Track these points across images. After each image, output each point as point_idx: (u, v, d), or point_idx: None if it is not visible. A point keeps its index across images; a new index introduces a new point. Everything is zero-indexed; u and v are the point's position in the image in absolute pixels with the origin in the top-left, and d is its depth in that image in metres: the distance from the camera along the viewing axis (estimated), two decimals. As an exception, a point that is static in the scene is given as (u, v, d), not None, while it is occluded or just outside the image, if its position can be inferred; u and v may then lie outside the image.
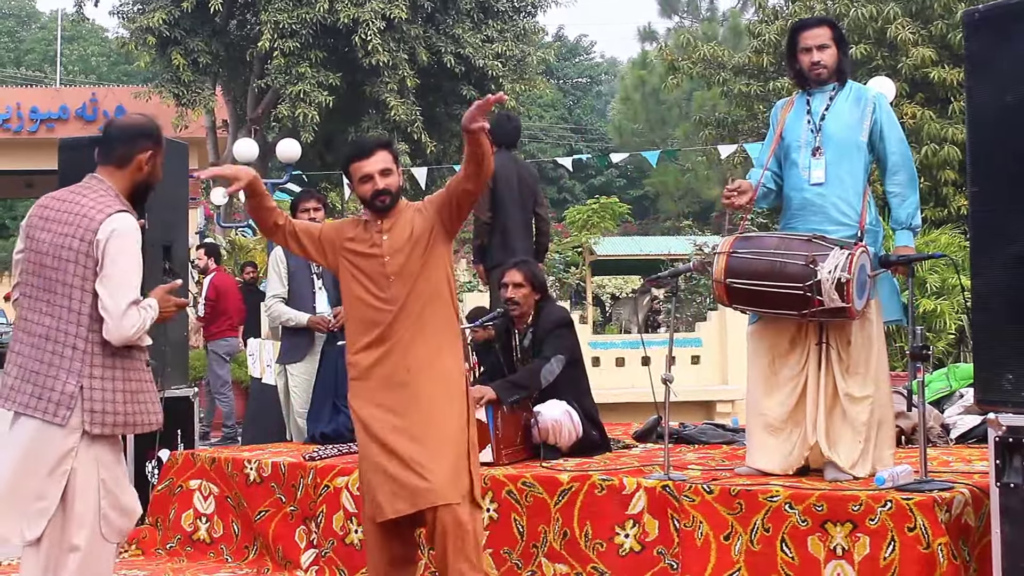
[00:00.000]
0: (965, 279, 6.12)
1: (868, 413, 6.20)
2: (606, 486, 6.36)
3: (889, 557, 5.50)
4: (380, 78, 27.78)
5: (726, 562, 5.91)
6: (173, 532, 8.04)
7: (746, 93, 22.65)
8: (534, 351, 7.53)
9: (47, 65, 62.02)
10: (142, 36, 28.53)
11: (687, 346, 14.03)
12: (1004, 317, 5.20)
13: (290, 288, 8.96)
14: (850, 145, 6.35)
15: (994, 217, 5.26)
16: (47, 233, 4.93)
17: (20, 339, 4.94)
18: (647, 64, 48.31)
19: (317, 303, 8.94)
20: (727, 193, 6.54)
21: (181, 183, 9.18)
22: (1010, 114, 5.18)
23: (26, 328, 4.92)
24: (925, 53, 19.33)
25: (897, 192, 6.38)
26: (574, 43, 69.43)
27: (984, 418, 5.32)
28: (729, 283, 6.30)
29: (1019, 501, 5.09)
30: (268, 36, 27.14)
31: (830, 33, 6.48)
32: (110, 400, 4.82)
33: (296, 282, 8.96)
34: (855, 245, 6.09)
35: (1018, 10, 5.30)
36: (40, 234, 4.94)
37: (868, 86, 6.69)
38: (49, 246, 4.90)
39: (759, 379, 6.49)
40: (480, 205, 8.94)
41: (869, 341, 6.25)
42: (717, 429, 8.88)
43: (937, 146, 18.70)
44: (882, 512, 5.55)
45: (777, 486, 5.96)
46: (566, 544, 6.40)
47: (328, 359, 8.69)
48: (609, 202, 29.93)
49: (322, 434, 8.48)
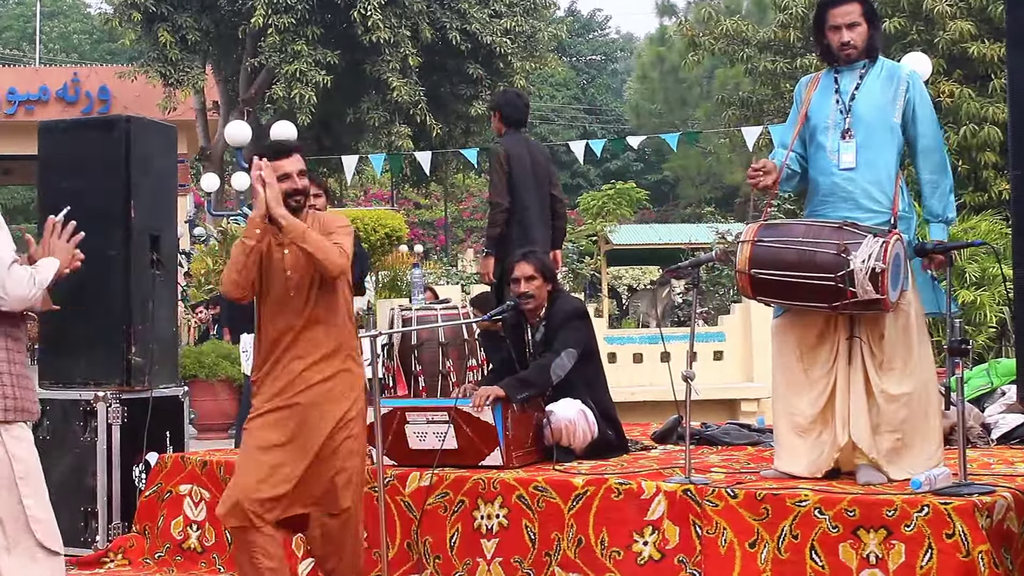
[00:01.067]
0: (1007, 268, 6.14)
1: (907, 411, 6.18)
2: (623, 490, 6.36)
3: (926, 566, 5.50)
4: (381, 56, 27.86)
5: (752, 571, 5.92)
6: (162, 540, 8.06)
7: (772, 71, 22.66)
8: (547, 344, 7.52)
9: (25, 43, 62.14)
10: (127, 12, 28.63)
11: (709, 341, 14.02)
12: (1048, 309, 5.20)
13: None
14: (882, 127, 6.32)
15: (1037, 202, 5.25)
16: None
17: None
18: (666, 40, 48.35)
19: None
20: (752, 173, 6.52)
21: (169, 169, 9.21)
22: (1054, 92, 5.17)
23: None
24: (964, 27, 19.30)
25: (929, 179, 6.36)
26: (588, 18, 69.51)
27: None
28: (754, 274, 6.29)
29: (1064, 505, 5.10)
30: (262, 11, 27.22)
31: (860, 9, 6.44)
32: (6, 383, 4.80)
33: None
34: (889, 232, 6.07)
35: (1063, -20, 5.29)
36: None
37: (902, 63, 6.65)
38: None
39: (786, 377, 6.48)
40: (498, 190, 8.88)
41: (906, 334, 6.22)
42: (741, 429, 8.88)
43: (976, 126, 18.68)
44: (918, 518, 5.55)
45: (806, 490, 5.96)
46: (581, 552, 6.40)
47: None
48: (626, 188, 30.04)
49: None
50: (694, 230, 31.49)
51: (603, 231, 28.78)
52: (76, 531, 8.53)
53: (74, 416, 8.61)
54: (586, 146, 24.28)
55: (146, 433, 8.61)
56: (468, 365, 9.24)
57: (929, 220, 6.37)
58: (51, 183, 8.92)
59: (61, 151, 8.99)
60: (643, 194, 31.40)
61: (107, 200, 8.67)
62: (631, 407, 11.45)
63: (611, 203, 29.43)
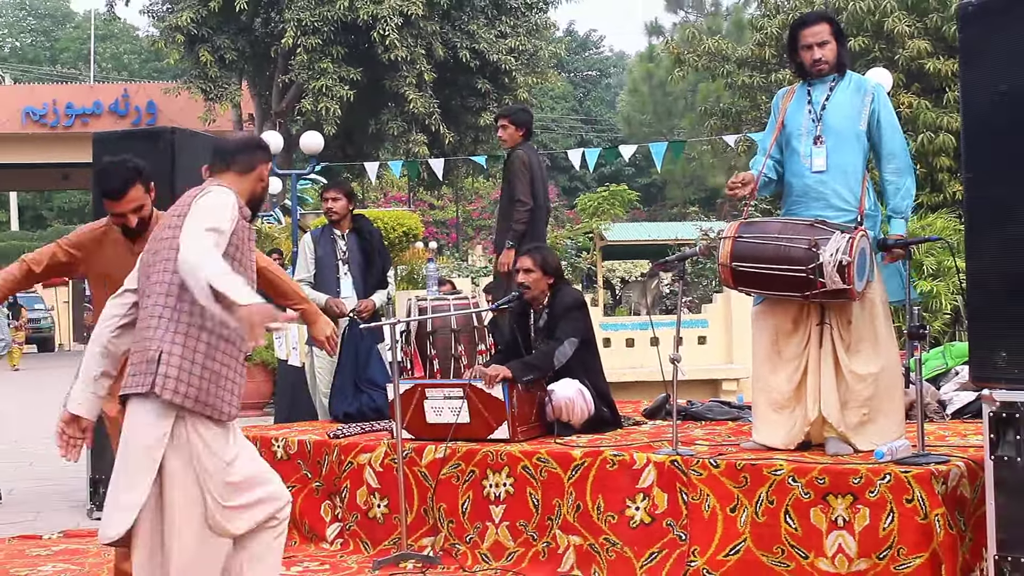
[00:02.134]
0: (960, 261, 6.12)
1: (873, 389, 6.19)
2: (617, 461, 6.36)
3: (888, 527, 5.50)
4: (399, 72, 27.84)
5: (732, 533, 5.92)
6: (205, 507, 8.05)
7: (749, 84, 22.61)
8: (549, 331, 7.53)
9: (81, 63, 62.19)
10: (171, 34, 28.65)
11: (694, 327, 14.01)
12: (997, 297, 5.19)
13: (316, 272, 9.05)
14: (850, 134, 6.33)
15: (987, 202, 5.25)
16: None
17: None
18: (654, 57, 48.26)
19: (342, 287, 9.07)
20: (731, 185, 6.52)
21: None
22: (1003, 103, 5.17)
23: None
24: (921, 45, 19.28)
25: (892, 180, 6.37)
26: (584, 38, 69.44)
27: (979, 394, 5.33)
28: (735, 267, 6.29)
29: (1012, 473, 5.09)
30: (291, 33, 27.21)
31: (830, 29, 6.45)
32: (186, 370, 4.41)
33: (323, 267, 9.06)
34: (855, 229, 6.08)
35: (1010, 2, 5.28)
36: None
37: (867, 77, 6.64)
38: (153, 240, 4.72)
39: (764, 358, 6.49)
40: (523, 191, 8.97)
41: (872, 320, 6.24)
42: (723, 406, 8.87)
43: (932, 134, 18.65)
44: (881, 485, 5.55)
45: (781, 460, 5.96)
46: (579, 516, 6.40)
47: (349, 343, 8.75)
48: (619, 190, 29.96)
49: (345, 413, 8.54)
50: (680, 227, 31.46)
51: (598, 229, 28.75)
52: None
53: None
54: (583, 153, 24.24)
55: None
56: (478, 350, 9.23)
57: (891, 216, 6.37)
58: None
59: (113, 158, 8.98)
60: (634, 195, 31.29)
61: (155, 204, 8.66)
62: (624, 386, 11.45)
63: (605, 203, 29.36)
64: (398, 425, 6.89)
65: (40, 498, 9.67)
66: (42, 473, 11.06)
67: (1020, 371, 5.09)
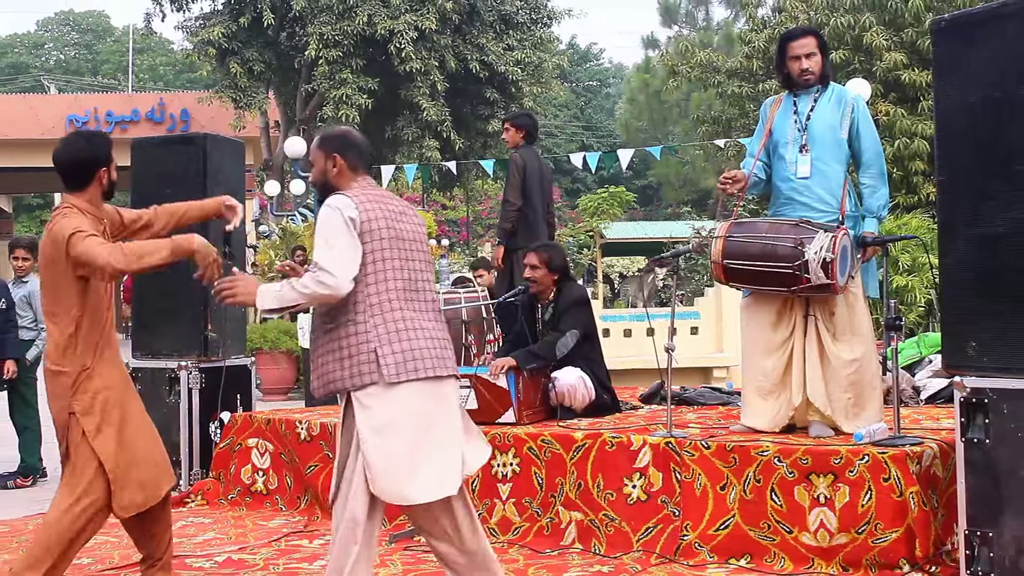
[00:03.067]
0: (933, 258, 6.11)
1: (858, 374, 6.22)
2: (616, 443, 6.36)
3: (866, 504, 5.50)
4: (413, 83, 27.85)
5: (722, 509, 5.92)
6: (234, 484, 8.07)
7: (738, 94, 22.58)
8: (554, 324, 7.54)
9: (120, 74, 62.22)
10: (204, 48, 28.68)
11: (687, 319, 13.99)
12: (968, 292, 5.19)
13: None
14: (832, 143, 6.33)
15: (959, 203, 5.25)
16: (408, 224, 4.62)
17: (424, 315, 4.58)
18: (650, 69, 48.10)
19: None
20: (723, 181, 6.54)
21: (239, 177, 9.20)
22: (973, 112, 5.17)
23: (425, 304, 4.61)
24: (897, 57, 19.24)
25: (869, 184, 6.39)
26: (585, 50, 69.27)
27: (950, 381, 5.33)
28: (726, 264, 6.29)
29: (981, 455, 5.09)
30: (314, 46, 27.23)
31: (816, 42, 6.46)
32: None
33: None
34: (838, 228, 6.09)
35: (980, 18, 5.28)
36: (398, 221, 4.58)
37: (848, 88, 6.64)
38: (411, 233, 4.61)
39: (752, 347, 6.50)
40: (512, 192, 9.00)
41: (853, 311, 6.26)
42: (714, 392, 8.88)
43: (908, 140, 18.61)
44: (860, 465, 5.54)
45: (767, 442, 5.96)
46: (580, 494, 6.40)
47: None
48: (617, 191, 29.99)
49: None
50: (674, 226, 31.43)
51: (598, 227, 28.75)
52: (163, 477, 8.56)
53: (161, 382, 8.63)
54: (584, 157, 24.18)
55: (220, 396, 8.61)
56: (487, 339, 9.23)
57: (866, 215, 6.38)
58: (142, 189, 8.92)
59: (150, 163, 9.00)
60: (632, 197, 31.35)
61: (187, 203, 8.68)
62: (622, 374, 11.43)
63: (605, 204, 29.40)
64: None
65: (82, 476, 9.67)
66: (84, 453, 11.06)
67: (989, 360, 5.09)
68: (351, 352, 4.40)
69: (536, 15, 30.73)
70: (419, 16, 27.11)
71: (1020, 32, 5.02)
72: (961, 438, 5.16)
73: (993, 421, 5.06)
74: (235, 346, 8.97)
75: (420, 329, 4.50)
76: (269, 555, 6.40)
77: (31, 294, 9.49)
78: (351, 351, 4.41)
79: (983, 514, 5.08)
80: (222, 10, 29.14)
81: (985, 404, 5.08)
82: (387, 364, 4.36)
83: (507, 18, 29.79)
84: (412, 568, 5.97)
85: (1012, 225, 5.01)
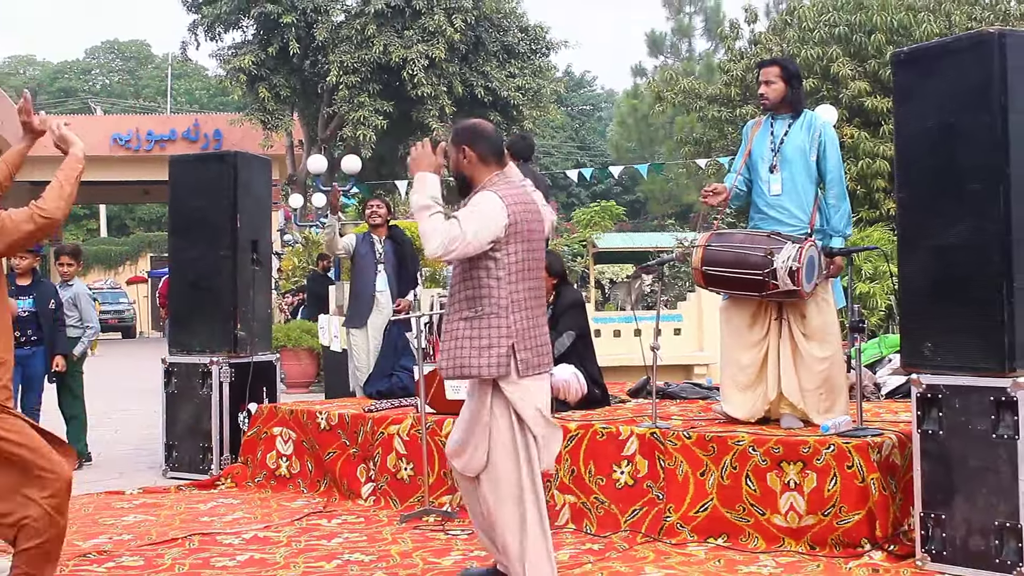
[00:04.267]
0: (893, 267, 6.14)
1: (829, 371, 6.25)
2: (606, 433, 6.36)
3: (832, 489, 5.50)
4: (424, 106, 27.88)
5: (701, 493, 5.92)
6: (260, 469, 8.07)
7: (718, 118, 22.59)
8: (552, 323, 7.52)
9: (160, 97, 62.30)
10: (235, 74, 28.69)
11: (671, 320, 13.95)
12: (924, 298, 5.21)
13: (356, 268, 9.10)
14: (803, 164, 6.35)
15: (916, 218, 5.27)
16: (536, 225, 4.64)
17: (542, 316, 4.66)
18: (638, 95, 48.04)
19: (377, 282, 9.09)
20: (704, 193, 6.56)
21: (266, 190, 9.21)
22: (930, 136, 5.19)
23: (542, 305, 4.68)
24: (861, 86, 19.27)
25: (832, 203, 6.40)
26: (580, 78, 69.23)
27: (908, 378, 5.32)
28: (705, 270, 6.32)
29: (935, 445, 5.11)
30: (335, 73, 27.27)
31: (778, 71, 6.48)
32: None
33: (363, 264, 9.11)
34: (805, 240, 6.12)
35: (936, 52, 5.31)
36: (533, 225, 4.60)
37: (818, 114, 6.67)
38: (538, 235, 4.65)
39: (730, 346, 6.53)
40: None
41: (822, 314, 6.29)
42: (695, 387, 8.87)
43: (871, 160, 18.63)
44: (826, 453, 5.55)
45: (743, 432, 5.96)
46: (574, 479, 6.40)
47: (390, 335, 8.80)
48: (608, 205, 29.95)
49: (378, 391, 8.56)
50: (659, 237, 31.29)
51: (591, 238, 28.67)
52: (197, 461, 8.56)
53: (195, 376, 8.64)
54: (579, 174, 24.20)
55: (248, 389, 8.62)
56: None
57: (832, 234, 6.39)
58: (179, 202, 8.95)
59: (186, 177, 9.00)
60: (621, 210, 31.26)
61: (219, 214, 8.69)
62: (612, 370, 11.40)
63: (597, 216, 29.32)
64: (422, 401, 6.91)
65: (123, 460, 9.69)
66: (125, 439, 11.08)
67: (943, 359, 5.11)
68: (491, 343, 4.45)
69: (535, 45, 30.75)
70: (430, 46, 27.14)
71: (971, 64, 5.05)
72: (917, 430, 5.18)
73: (946, 414, 5.07)
74: (262, 344, 8.97)
75: (540, 327, 4.63)
76: (291, 533, 6.41)
77: (76, 295, 9.51)
78: (491, 342, 4.45)
79: (936, 498, 5.09)
80: (252, 40, 29.15)
81: (939, 399, 5.09)
82: (522, 360, 4.47)
83: (509, 48, 29.81)
84: (421, 545, 5.97)
85: (962, 239, 5.03)
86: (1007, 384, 4.88)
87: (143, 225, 58.76)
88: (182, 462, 8.67)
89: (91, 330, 9.65)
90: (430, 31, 27.31)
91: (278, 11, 27.63)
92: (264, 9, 27.73)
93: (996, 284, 4.92)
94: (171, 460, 8.75)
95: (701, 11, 47.05)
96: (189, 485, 8.16)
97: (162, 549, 5.98)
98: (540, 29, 30.90)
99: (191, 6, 29.78)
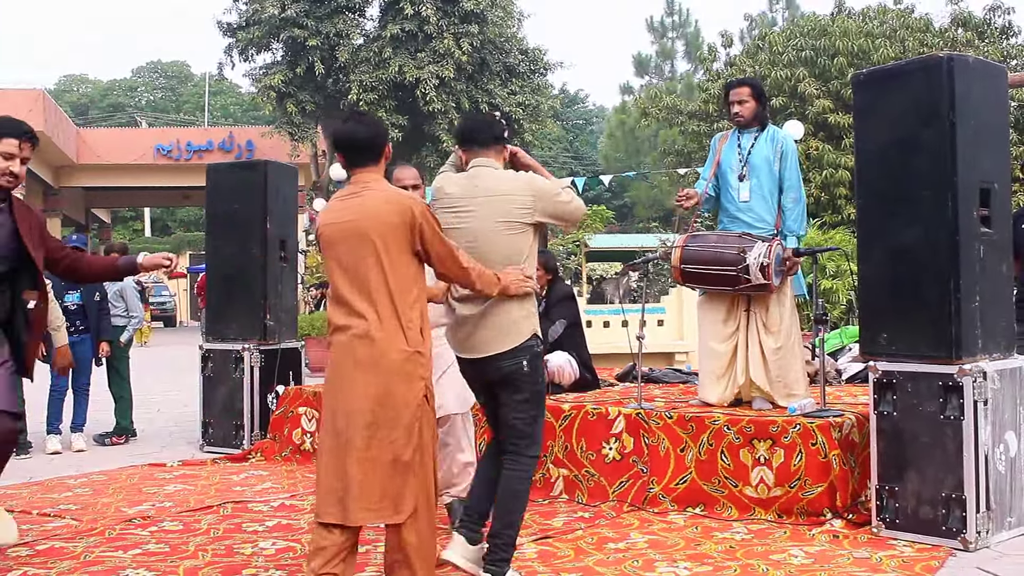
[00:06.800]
0: (853, 265, 6.13)
1: (783, 360, 6.23)
2: (596, 413, 6.36)
3: (798, 464, 5.50)
4: (435, 120, 27.85)
5: (681, 467, 5.92)
6: (286, 444, 8.07)
7: (697, 132, 22.61)
8: (546, 313, 7.53)
9: (198, 111, 62.20)
10: (266, 91, 28.65)
11: (655, 313, 13.94)
12: (881, 293, 5.21)
13: None
14: (767, 172, 6.35)
15: (874, 222, 5.27)
16: None
17: None
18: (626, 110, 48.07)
19: None
20: (678, 198, 6.56)
21: (293, 195, 9.20)
22: (886, 148, 5.19)
23: None
24: (825, 104, 19.29)
25: (789, 208, 6.38)
26: (574, 95, 69.19)
27: (866, 365, 5.33)
28: (683, 268, 6.32)
29: (890, 425, 5.11)
30: (355, 91, 27.23)
31: (749, 91, 6.47)
32: None
33: None
34: (773, 239, 6.13)
35: (891, 73, 5.31)
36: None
37: (781, 129, 6.67)
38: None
39: (707, 336, 6.53)
40: None
41: (782, 308, 6.28)
42: (676, 373, 8.88)
43: (834, 170, 18.64)
44: (793, 432, 5.55)
45: (718, 413, 5.96)
46: (567, 455, 6.40)
47: None
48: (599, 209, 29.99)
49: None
50: (645, 238, 31.40)
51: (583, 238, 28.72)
52: (230, 437, 8.56)
53: (228, 361, 8.63)
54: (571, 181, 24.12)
55: (276, 372, 8.62)
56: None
57: (787, 235, 6.38)
58: (215, 205, 8.93)
59: (222, 183, 8.99)
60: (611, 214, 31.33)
61: (251, 217, 8.68)
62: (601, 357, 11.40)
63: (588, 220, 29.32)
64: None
65: (165, 435, 9.69)
66: (166, 417, 11.07)
67: (897, 348, 5.12)
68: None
69: (534, 66, 30.69)
70: (440, 67, 27.13)
71: (922, 85, 5.06)
72: (874, 411, 5.18)
73: (900, 398, 5.08)
74: (288, 332, 8.96)
75: None
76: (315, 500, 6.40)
77: (123, 289, 9.53)
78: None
79: (891, 472, 5.10)
80: (281, 61, 29.09)
81: (893, 384, 5.09)
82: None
83: (511, 68, 29.76)
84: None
85: (915, 240, 5.04)
86: (954, 371, 4.89)
87: (183, 226, 58.77)
88: (217, 438, 8.66)
89: (135, 319, 9.67)
90: (440, 53, 27.27)
91: (304, 35, 27.60)
92: (292, 34, 27.69)
93: (944, 281, 4.93)
94: (207, 436, 8.74)
95: (682, 36, 47.11)
96: (223, 458, 8.16)
97: (199, 515, 5.98)
98: (539, 51, 30.85)
99: (227, 31, 29.74)
